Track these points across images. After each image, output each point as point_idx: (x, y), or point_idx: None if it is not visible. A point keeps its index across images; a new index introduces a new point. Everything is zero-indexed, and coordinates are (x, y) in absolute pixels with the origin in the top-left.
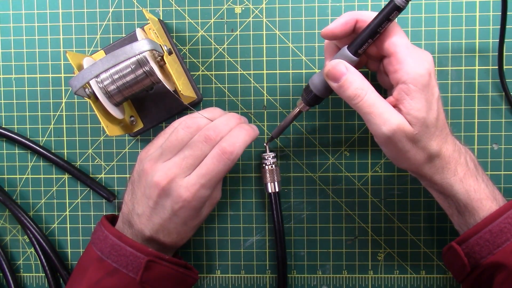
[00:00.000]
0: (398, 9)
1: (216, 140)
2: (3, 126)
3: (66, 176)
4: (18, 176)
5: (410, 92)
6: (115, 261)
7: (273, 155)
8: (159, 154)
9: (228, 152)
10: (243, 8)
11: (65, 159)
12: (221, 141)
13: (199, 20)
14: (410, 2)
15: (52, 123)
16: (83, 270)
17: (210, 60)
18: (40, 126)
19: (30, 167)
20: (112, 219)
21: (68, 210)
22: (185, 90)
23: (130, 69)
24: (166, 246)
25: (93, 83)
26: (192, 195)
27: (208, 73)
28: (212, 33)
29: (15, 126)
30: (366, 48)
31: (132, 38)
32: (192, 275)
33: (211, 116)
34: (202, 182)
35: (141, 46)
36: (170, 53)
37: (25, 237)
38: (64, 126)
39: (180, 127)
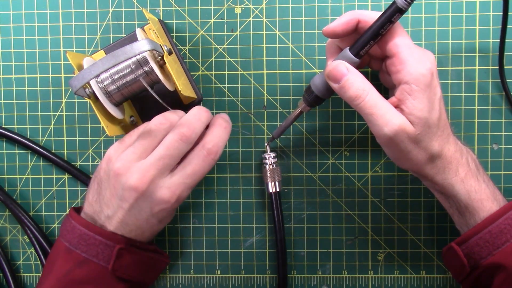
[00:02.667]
0: (400, 11)
1: (191, 137)
2: (3, 126)
3: (66, 176)
4: (18, 176)
5: (413, 92)
6: (85, 251)
7: (273, 155)
8: (132, 152)
9: (213, 152)
10: (243, 8)
11: (65, 159)
12: (206, 143)
13: (199, 20)
14: (411, 3)
15: (52, 123)
16: (51, 264)
17: (210, 60)
18: (40, 126)
19: (30, 167)
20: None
21: (68, 210)
22: (185, 90)
23: (130, 69)
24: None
25: (93, 83)
26: (177, 196)
27: (208, 73)
28: (212, 33)
29: (15, 126)
30: (368, 49)
31: (132, 38)
32: (163, 259)
33: (181, 113)
34: (188, 182)
35: (141, 46)
36: (170, 53)
37: (25, 237)
38: (64, 126)
39: (152, 124)
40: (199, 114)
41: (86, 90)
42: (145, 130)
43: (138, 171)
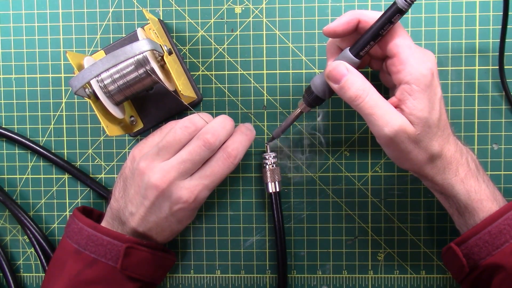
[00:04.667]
0: (401, 12)
1: (215, 144)
2: (3, 126)
3: (66, 176)
4: (18, 176)
5: (413, 92)
6: (93, 252)
7: (273, 155)
8: (155, 153)
9: (232, 156)
10: (243, 8)
11: (65, 159)
12: (226, 146)
13: (199, 20)
14: (412, 4)
15: (52, 123)
16: (61, 265)
17: (210, 60)
18: (40, 126)
19: (30, 167)
20: (84, 211)
21: (68, 210)
22: (185, 90)
23: (130, 68)
24: (157, 242)
25: (93, 82)
26: (195, 196)
27: (208, 73)
28: (212, 33)
29: (15, 126)
30: (368, 50)
31: (132, 38)
32: (170, 258)
33: (207, 118)
34: (206, 183)
35: (141, 46)
36: (170, 53)
37: (25, 237)
38: (64, 126)
39: (177, 127)
40: (224, 122)
41: (86, 90)
42: (170, 132)
43: (160, 171)
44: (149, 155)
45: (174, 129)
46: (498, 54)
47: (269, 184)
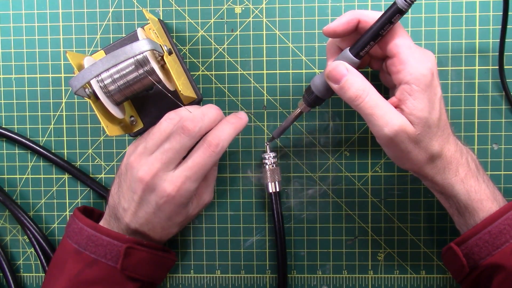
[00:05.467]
0: (401, 12)
1: (194, 131)
2: (3, 126)
3: (66, 176)
4: (18, 176)
5: (413, 92)
6: (93, 252)
7: (273, 155)
8: (144, 147)
9: (213, 144)
10: (243, 8)
11: (65, 159)
12: (207, 135)
13: (199, 20)
14: (412, 4)
15: (52, 123)
16: (61, 264)
17: (210, 60)
18: (40, 126)
19: (30, 167)
20: (84, 211)
21: (68, 210)
22: (185, 90)
23: (130, 68)
24: (152, 241)
25: (93, 82)
26: (177, 189)
27: (208, 73)
28: (212, 33)
29: (15, 126)
30: (368, 50)
31: (132, 38)
32: (171, 257)
33: (194, 110)
34: (188, 175)
35: (141, 46)
36: (170, 53)
37: (25, 237)
38: (64, 126)
39: (163, 119)
40: (207, 110)
41: (86, 90)
42: (156, 125)
43: (146, 163)
44: (138, 150)
45: (160, 122)
46: (498, 54)
47: (269, 184)
